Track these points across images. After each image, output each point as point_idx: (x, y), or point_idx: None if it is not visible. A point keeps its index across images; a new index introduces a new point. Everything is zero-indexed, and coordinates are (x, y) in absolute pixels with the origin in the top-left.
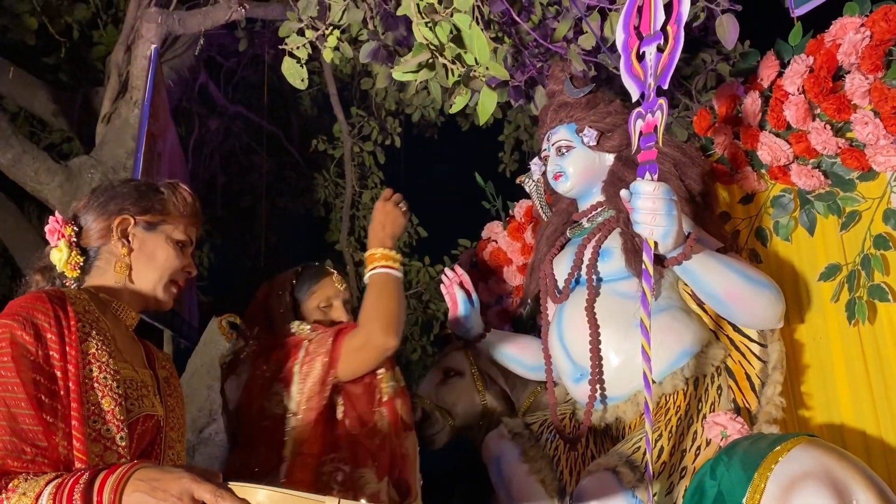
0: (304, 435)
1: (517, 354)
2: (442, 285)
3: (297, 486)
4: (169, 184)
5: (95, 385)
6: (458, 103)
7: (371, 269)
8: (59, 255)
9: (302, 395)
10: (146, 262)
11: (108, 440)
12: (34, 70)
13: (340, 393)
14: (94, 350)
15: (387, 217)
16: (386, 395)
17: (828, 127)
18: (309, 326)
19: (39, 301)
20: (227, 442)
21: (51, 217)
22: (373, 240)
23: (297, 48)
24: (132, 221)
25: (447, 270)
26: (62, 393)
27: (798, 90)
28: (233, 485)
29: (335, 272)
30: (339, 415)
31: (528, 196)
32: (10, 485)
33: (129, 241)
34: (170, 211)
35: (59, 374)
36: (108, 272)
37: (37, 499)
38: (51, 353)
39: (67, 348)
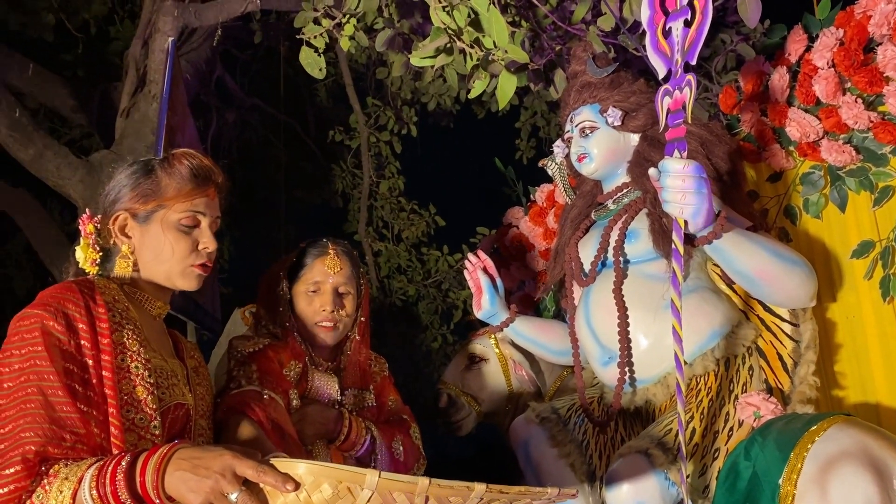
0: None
1: (543, 339)
2: (465, 271)
3: None
4: (164, 159)
5: (129, 374)
6: (476, 88)
7: None
8: (80, 254)
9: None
10: (151, 256)
11: (143, 429)
12: (53, 66)
13: None
14: (126, 340)
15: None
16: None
17: (859, 101)
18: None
19: (70, 291)
20: None
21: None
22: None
23: (315, 37)
24: (129, 216)
25: (470, 256)
26: (94, 381)
27: (828, 64)
28: (274, 460)
29: (334, 251)
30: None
31: (548, 180)
32: (52, 470)
33: (130, 238)
34: (164, 192)
35: (90, 362)
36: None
37: (79, 482)
38: (82, 342)
39: (99, 337)
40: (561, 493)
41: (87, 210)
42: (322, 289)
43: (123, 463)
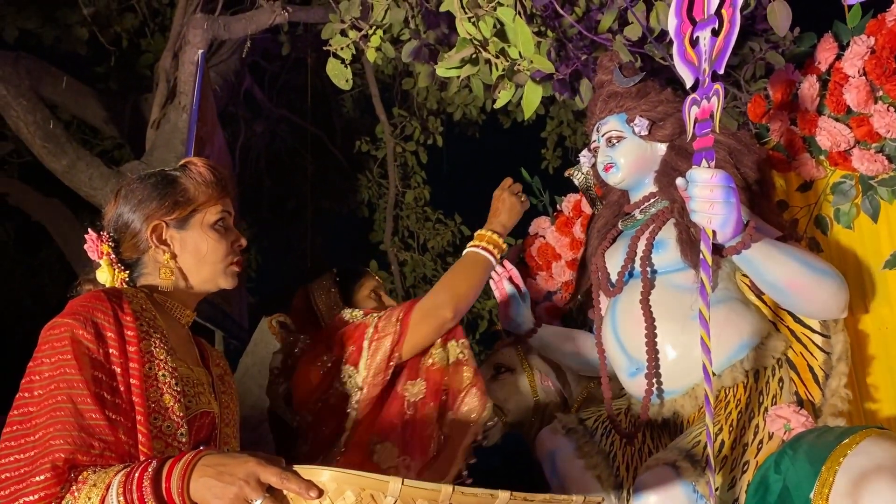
0: (363, 413)
1: (569, 349)
2: (491, 280)
3: (349, 467)
4: (183, 167)
5: (156, 382)
6: (502, 98)
7: (468, 247)
8: (105, 276)
9: (368, 371)
10: (194, 260)
11: (170, 436)
12: (85, 79)
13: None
14: (153, 348)
15: (502, 205)
16: (430, 361)
17: (891, 109)
18: (361, 312)
19: (98, 300)
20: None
21: (86, 234)
22: (486, 224)
23: (342, 49)
24: (164, 225)
25: (496, 266)
26: (122, 389)
27: (859, 72)
28: (297, 467)
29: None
30: (412, 398)
31: (574, 190)
32: (80, 477)
33: (169, 246)
34: (194, 197)
35: (118, 370)
36: (156, 276)
37: (107, 489)
38: (111, 350)
39: (127, 346)
40: (586, 501)
41: (89, 231)
42: (381, 293)
43: (150, 469)
